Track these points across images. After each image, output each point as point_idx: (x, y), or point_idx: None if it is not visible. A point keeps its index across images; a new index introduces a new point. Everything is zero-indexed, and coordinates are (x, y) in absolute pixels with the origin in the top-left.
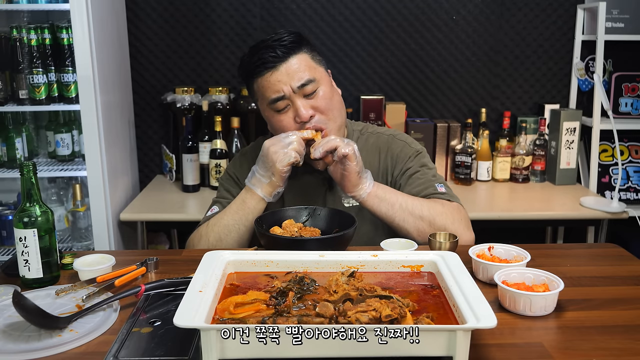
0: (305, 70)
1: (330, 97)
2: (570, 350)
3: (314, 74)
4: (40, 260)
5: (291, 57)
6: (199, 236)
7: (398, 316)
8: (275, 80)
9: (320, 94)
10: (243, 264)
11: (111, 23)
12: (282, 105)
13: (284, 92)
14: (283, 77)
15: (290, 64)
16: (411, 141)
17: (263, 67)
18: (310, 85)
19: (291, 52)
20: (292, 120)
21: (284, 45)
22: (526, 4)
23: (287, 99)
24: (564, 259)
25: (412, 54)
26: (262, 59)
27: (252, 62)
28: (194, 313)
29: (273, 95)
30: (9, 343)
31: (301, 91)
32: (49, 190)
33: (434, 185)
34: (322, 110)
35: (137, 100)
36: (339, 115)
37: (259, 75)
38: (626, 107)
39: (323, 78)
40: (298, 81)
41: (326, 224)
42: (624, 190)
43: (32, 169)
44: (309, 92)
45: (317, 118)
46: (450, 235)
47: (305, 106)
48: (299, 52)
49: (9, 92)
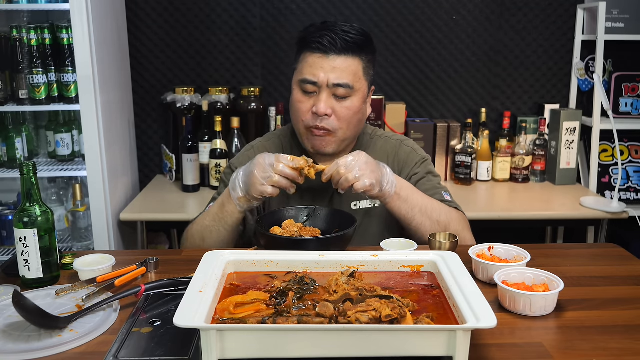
0: (350, 75)
1: (356, 112)
2: (570, 350)
3: (355, 82)
4: (40, 260)
5: (345, 55)
6: (188, 235)
7: (398, 316)
8: (319, 64)
9: (348, 103)
10: (243, 264)
11: (111, 23)
12: (310, 89)
13: (319, 79)
14: (327, 67)
15: (341, 61)
16: (418, 148)
17: (316, 47)
18: (345, 90)
19: (349, 51)
20: (309, 107)
21: (347, 40)
22: (526, 4)
23: (317, 86)
24: (564, 259)
25: (412, 54)
26: (322, 39)
27: (314, 35)
28: (194, 313)
29: (308, 77)
30: (9, 343)
31: (334, 90)
32: (49, 190)
33: (440, 192)
34: (340, 117)
35: (137, 100)
36: (352, 130)
37: (311, 50)
38: (626, 107)
39: (361, 91)
40: (336, 79)
41: (326, 224)
42: (624, 190)
43: (32, 169)
44: (340, 95)
45: (330, 120)
46: (450, 235)
47: (328, 103)
48: (355, 55)
49: (9, 92)
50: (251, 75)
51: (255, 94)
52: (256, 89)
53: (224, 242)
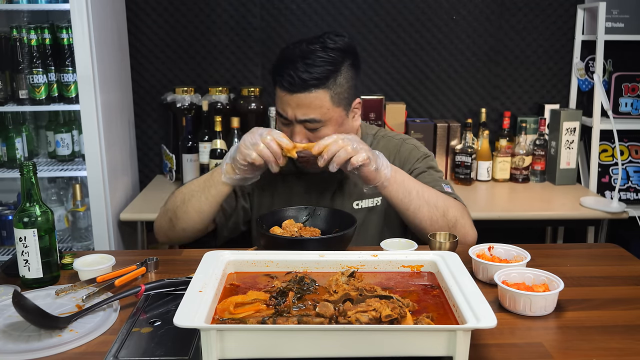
0: (316, 109)
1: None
2: (570, 350)
3: (324, 115)
4: (40, 260)
5: (308, 92)
6: (174, 194)
7: (398, 316)
8: (285, 101)
9: (322, 133)
10: (243, 264)
11: (111, 23)
12: (284, 122)
13: (288, 115)
14: (292, 103)
15: (303, 97)
16: (420, 146)
17: (280, 84)
18: (313, 124)
19: (311, 87)
20: (290, 135)
21: (305, 79)
22: (526, 4)
23: (289, 120)
24: (564, 259)
25: (412, 54)
26: (283, 76)
27: (277, 70)
28: (194, 313)
29: (279, 111)
30: (9, 343)
31: (303, 124)
32: (49, 190)
33: (440, 184)
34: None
35: (137, 100)
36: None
37: (278, 85)
38: (626, 107)
39: (332, 120)
40: (302, 116)
41: (326, 224)
42: (624, 190)
43: (32, 169)
44: (311, 128)
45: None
46: (450, 235)
47: (301, 134)
48: (318, 88)
49: (9, 92)
50: (251, 75)
51: (255, 94)
52: (256, 89)
53: (199, 213)
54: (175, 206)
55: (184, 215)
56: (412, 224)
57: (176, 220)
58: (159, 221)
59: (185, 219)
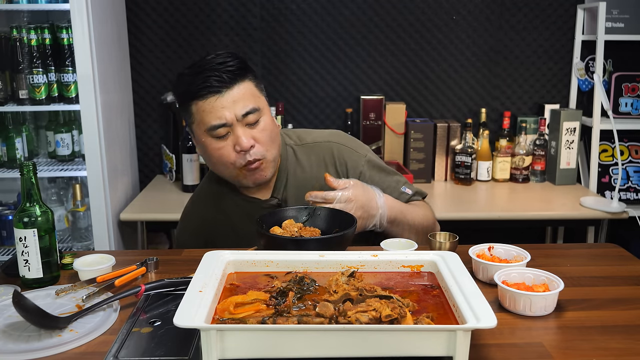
0: (250, 98)
1: (271, 129)
2: (570, 350)
3: (258, 103)
4: (40, 260)
5: (237, 84)
6: None
7: (398, 316)
8: (219, 106)
9: (262, 124)
10: (243, 264)
11: (111, 23)
12: (223, 132)
13: (227, 119)
14: (227, 103)
15: (236, 91)
16: (353, 144)
17: (207, 91)
18: (254, 115)
19: (237, 78)
20: (231, 148)
21: (231, 70)
22: (526, 4)
23: (228, 126)
24: (564, 259)
25: (412, 54)
26: (207, 82)
27: (196, 83)
28: (194, 313)
29: (215, 122)
30: (9, 343)
31: (244, 120)
32: (49, 190)
33: (399, 189)
34: (262, 142)
35: (137, 100)
36: (276, 147)
37: (202, 98)
38: (626, 107)
39: (265, 108)
40: (242, 109)
41: (326, 224)
42: (624, 190)
43: (32, 169)
44: (252, 122)
45: (256, 149)
46: (450, 235)
47: (247, 135)
48: (244, 80)
49: (9, 92)
50: None
51: None
52: None
53: None
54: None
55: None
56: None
57: None
58: None
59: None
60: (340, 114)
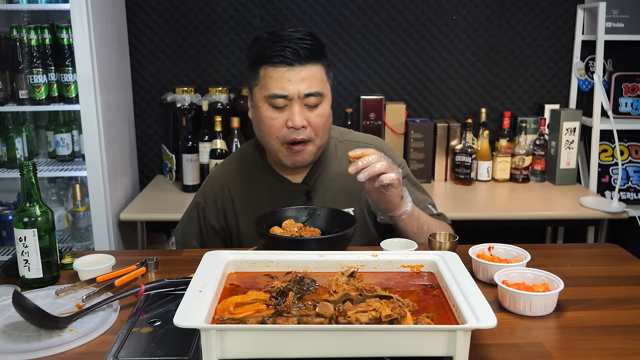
0: (317, 82)
1: (327, 118)
2: (570, 350)
3: (323, 89)
4: (40, 260)
5: (309, 64)
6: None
7: (398, 316)
8: (286, 78)
9: (319, 110)
10: (243, 264)
11: (111, 23)
12: (281, 103)
13: (289, 92)
14: (295, 78)
15: (306, 70)
16: (391, 153)
17: (279, 60)
18: (315, 98)
19: (312, 58)
20: (283, 122)
21: (308, 49)
22: (526, 4)
23: (288, 100)
24: (564, 259)
25: (412, 54)
26: (283, 52)
27: (272, 49)
28: (194, 313)
29: (277, 91)
30: (9, 343)
31: (305, 100)
32: (49, 190)
33: (427, 206)
34: (314, 126)
35: (137, 100)
36: (326, 137)
37: (272, 65)
38: (626, 107)
39: (328, 97)
40: (307, 89)
41: (326, 224)
42: (624, 190)
43: (32, 169)
44: (312, 104)
45: (307, 131)
46: (450, 235)
47: (302, 114)
48: (317, 63)
49: (9, 92)
50: None
51: None
52: None
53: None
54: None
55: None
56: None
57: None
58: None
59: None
60: (340, 114)
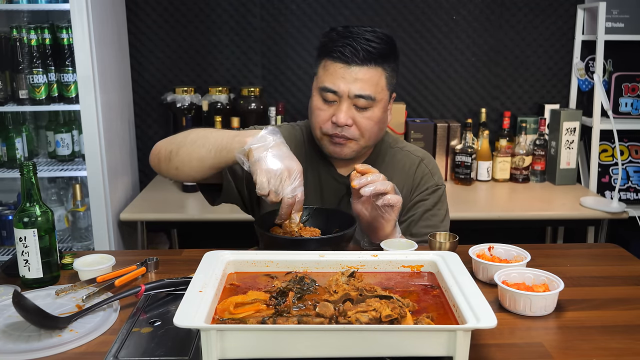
0: (372, 85)
1: (376, 122)
2: (570, 350)
3: (377, 93)
4: (40, 260)
5: (368, 66)
6: (190, 131)
7: (398, 316)
8: (340, 75)
9: (369, 114)
10: (243, 264)
11: (111, 23)
12: (330, 97)
13: (340, 89)
14: (349, 77)
15: (363, 72)
16: (436, 172)
17: (338, 55)
18: (366, 101)
19: (371, 61)
20: (328, 115)
21: (370, 51)
22: (526, 4)
23: (338, 96)
24: (564, 259)
25: (412, 54)
26: (344, 49)
27: (336, 43)
28: (194, 313)
29: (329, 85)
30: (9, 343)
31: (354, 100)
32: (49, 190)
33: (437, 226)
34: (360, 127)
35: (137, 100)
36: (372, 139)
37: (331, 59)
38: (626, 107)
39: (382, 101)
40: (358, 91)
41: (326, 224)
42: (624, 190)
43: (32, 169)
44: (361, 106)
45: (350, 130)
46: (450, 235)
47: (348, 113)
48: (377, 65)
49: (9, 92)
50: (251, 75)
51: (255, 94)
52: (256, 89)
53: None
54: (183, 142)
55: (186, 156)
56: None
57: (176, 155)
58: (160, 144)
59: (185, 161)
60: None
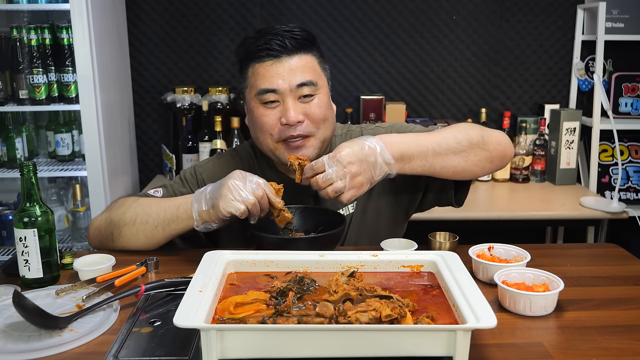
0: (309, 71)
1: (327, 107)
2: (570, 350)
3: (318, 78)
4: (40, 260)
5: (299, 54)
6: (122, 205)
7: (398, 316)
8: (274, 71)
9: (316, 101)
10: (243, 264)
11: (111, 23)
12: (271, 98)
13: (279, 86)
14: (284, 71)
15: (295, 61)
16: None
17: (265, 54)
18: (309, 88)
19: (301, 48)
20: (276, 118)
21: (295, 38)
22: (526, 4)
23: (278, 94)
24: (564, 259)
25: (412, 54)
26: (268, 44)
27: (256, 44)
28: (194, 313)
29: (265, 86)
30: (9, 343)
31: (297, 91)
32: (49, 190)
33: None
34: (313, 118)
35: (137, 100)
36: (329, 129)
37: (259, 60)
38: (626, 107)
39: (324, 87)
40: (299, 79)
41: (313, 223)
42: (624, 190)
43: (32, 169)
44: (305, 94)
45: (304, 125)
46: (450, 235)
47: (296, 109)
48: (308, 52)
49: (9, 92)
50: None
51: None
52: None
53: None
54: (122, 222)
55: (131, 236)
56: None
57: (119, 237)
58: (97, 226)
59: (130, 240)
60: (340, 113)
